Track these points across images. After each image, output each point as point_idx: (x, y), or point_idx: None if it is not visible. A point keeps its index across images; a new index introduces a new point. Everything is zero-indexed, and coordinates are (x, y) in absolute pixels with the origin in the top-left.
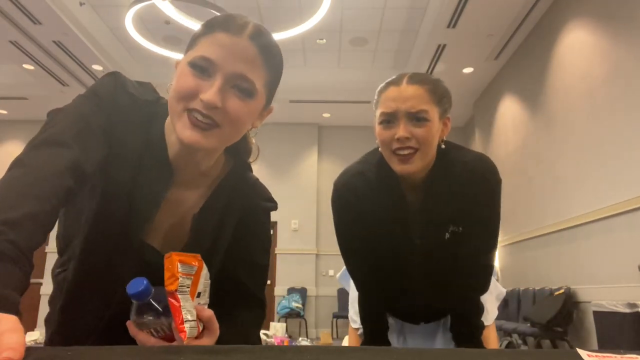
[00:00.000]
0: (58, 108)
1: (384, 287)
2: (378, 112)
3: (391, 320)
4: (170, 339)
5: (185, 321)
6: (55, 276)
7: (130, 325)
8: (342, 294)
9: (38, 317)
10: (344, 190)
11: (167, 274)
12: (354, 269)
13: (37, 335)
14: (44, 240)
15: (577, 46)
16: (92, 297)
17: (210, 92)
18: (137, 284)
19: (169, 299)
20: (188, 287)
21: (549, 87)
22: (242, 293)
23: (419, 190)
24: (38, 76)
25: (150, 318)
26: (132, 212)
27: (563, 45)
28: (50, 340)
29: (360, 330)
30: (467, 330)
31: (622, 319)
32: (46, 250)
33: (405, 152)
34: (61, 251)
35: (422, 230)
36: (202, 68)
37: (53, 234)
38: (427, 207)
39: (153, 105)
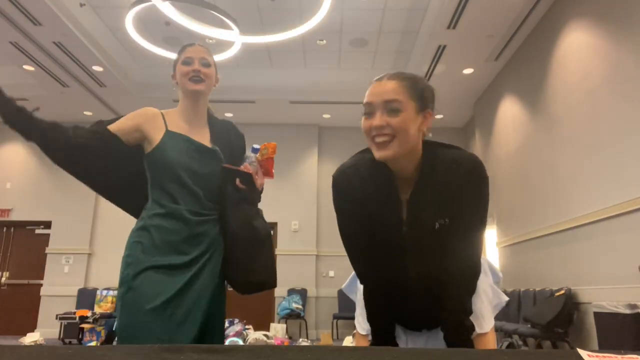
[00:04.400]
0: None
1: (383, 285)
2: (363, 103)
3: (397, 330)
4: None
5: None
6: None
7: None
8: (342, 295)
9: (38, 317)
10: (340, 180)
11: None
12: (354, 256)
13: (37, 336)
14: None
15: (577, 47)
16: None
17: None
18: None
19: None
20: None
21: (549, 88)
22: None
23: (410, 183)
24: (38, 77)
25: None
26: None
27: (563, 46)
28: None
29: (370, 336)
30: (454, 328)
31: (623, 320)
32: (46, 251)
33: (381, 139)
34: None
35: (411, 220)
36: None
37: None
38: (415, 199)
39: None
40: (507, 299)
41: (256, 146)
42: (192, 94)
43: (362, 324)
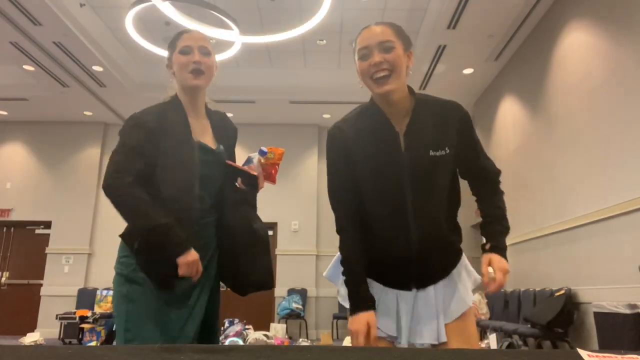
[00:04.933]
0: None
1: (379, 218)
2: (357, 50)
3: (388, 302)
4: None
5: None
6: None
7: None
8: None
9: (38, 317)
10: (332, 132)
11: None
12: (338, 201)
13: (37, 336)
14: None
15: (577, 47)
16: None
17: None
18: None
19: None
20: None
21: (549, 88)
22: None
23: (404, 117)
24: (38, 77)
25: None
26: None
27: (563, 46)
28: None
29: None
30: (498, 228)
31: (623, 320)
32: (46, 251)
33: (381, 74)
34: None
35: (409, 148)
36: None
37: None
38: (412, 127)
39: None
40: (479, 276)
41: (264, 149)
42: (193, 89)
43: (343, 295)
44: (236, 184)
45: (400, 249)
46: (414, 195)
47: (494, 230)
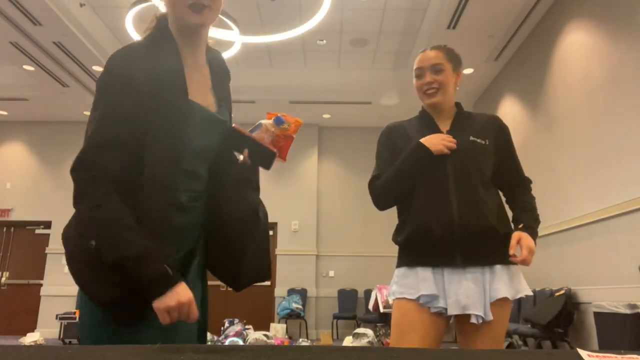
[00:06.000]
0: None
1: (424, 196)
2: (414, 70)
3: (431, 284)
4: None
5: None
6: None
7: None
8: (342, 295)
9: (38, 317)
10: (388, 128)
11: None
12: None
13: (37, 336)
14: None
15: (577, 47)
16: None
17: None
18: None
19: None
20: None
21: (549, 88)
22: None
23: (448, 121)
24: (38, 77)
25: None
26: None
27: (563, 46)
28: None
29: (396, 297)
30: (534, 215)
31: (623, 320)
32: (46, 251)
33: (431, 91)
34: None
35: (450, 133)
36: None
37: (54, 236)
38: (455, 127)
39: None
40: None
41: (281, 116)
42: (193, 29)
43: (398, 289)
44: (239, 155)
45: (443, 225)
46: (455, 175)
47: (530, 216)
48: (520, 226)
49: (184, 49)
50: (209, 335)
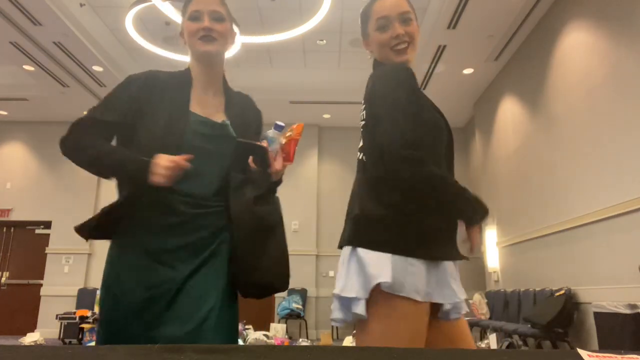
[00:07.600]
0: None
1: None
2: (373, 20)
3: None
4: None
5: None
6: None
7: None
8: None
9: (38, 317)
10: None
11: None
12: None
13: (37, 336)
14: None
15: (577, 47)
16: None
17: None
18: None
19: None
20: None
21: (549, 88)
22: None
23: None
24: (38, 77)
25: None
26: None
27: (563, 46)
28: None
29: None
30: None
31: (623, 320)
32: (46, 251)
33: (402, 46)
34: None
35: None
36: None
37: (54, 236)
38: None
39: None
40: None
41: (280, 123)
42: (204, 56)
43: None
44: (250, 164)
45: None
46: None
47: None
48: None
49: (199, 76)
50: None
